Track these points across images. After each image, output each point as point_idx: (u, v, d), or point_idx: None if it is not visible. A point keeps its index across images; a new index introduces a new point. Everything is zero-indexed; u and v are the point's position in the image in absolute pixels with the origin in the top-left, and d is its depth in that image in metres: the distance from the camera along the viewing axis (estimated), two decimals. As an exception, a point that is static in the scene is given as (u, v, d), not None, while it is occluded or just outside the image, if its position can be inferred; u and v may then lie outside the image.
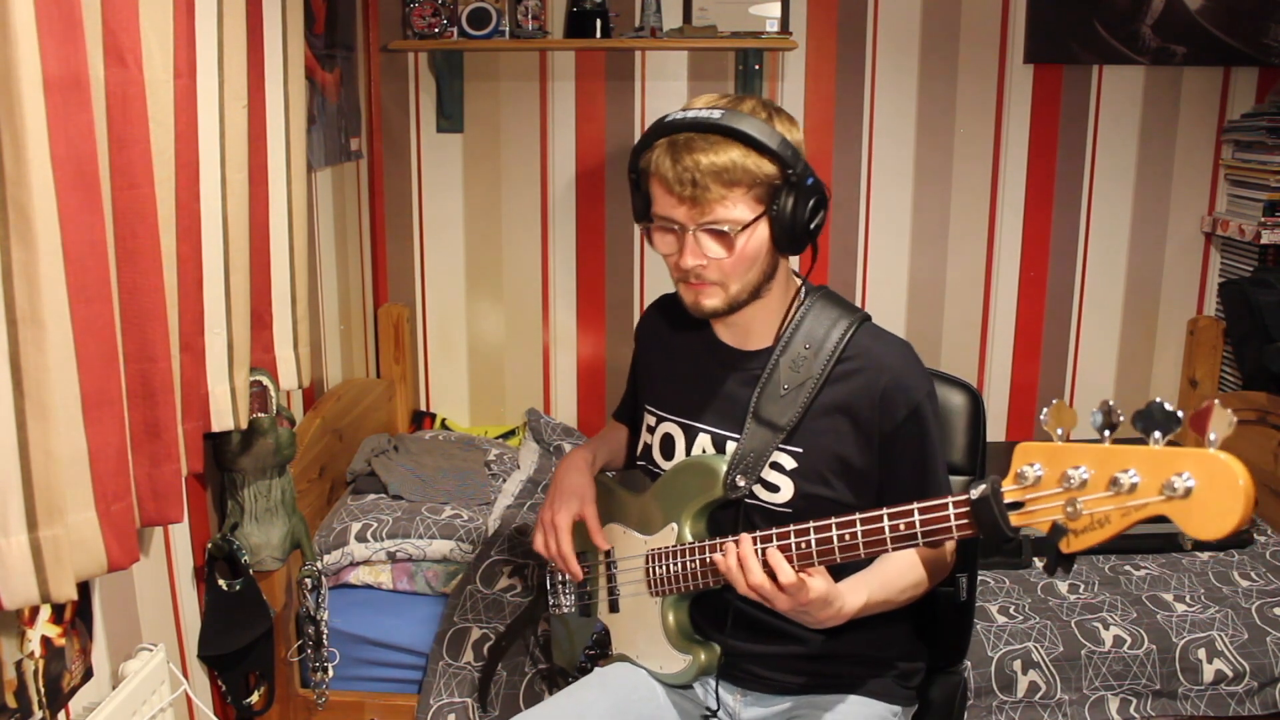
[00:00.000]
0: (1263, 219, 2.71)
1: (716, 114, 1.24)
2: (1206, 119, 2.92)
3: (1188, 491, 0.86)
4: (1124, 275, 3.03)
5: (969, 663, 1.98)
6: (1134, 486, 0.90)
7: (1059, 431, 0.98)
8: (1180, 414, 0.88)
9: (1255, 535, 2.48)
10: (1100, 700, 2.03)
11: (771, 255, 1.32)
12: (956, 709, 1.59)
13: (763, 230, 1.29)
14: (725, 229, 1.27)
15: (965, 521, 1.10)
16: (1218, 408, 0.86)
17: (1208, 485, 0.86)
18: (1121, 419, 0.93)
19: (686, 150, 1.24)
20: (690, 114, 1.26)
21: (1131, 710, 2.04)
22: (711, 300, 1.33)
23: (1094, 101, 2.91)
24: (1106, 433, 0.94)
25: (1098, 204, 2.98)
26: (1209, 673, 2.03)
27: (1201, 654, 2.04)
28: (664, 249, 1.34)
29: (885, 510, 1.17)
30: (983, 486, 1.05)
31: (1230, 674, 2.02)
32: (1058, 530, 0.97)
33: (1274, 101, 2.80)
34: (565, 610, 1.64)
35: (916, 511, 1.14)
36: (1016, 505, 1.02)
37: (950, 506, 1.11)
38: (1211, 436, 0.86)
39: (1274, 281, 2.73)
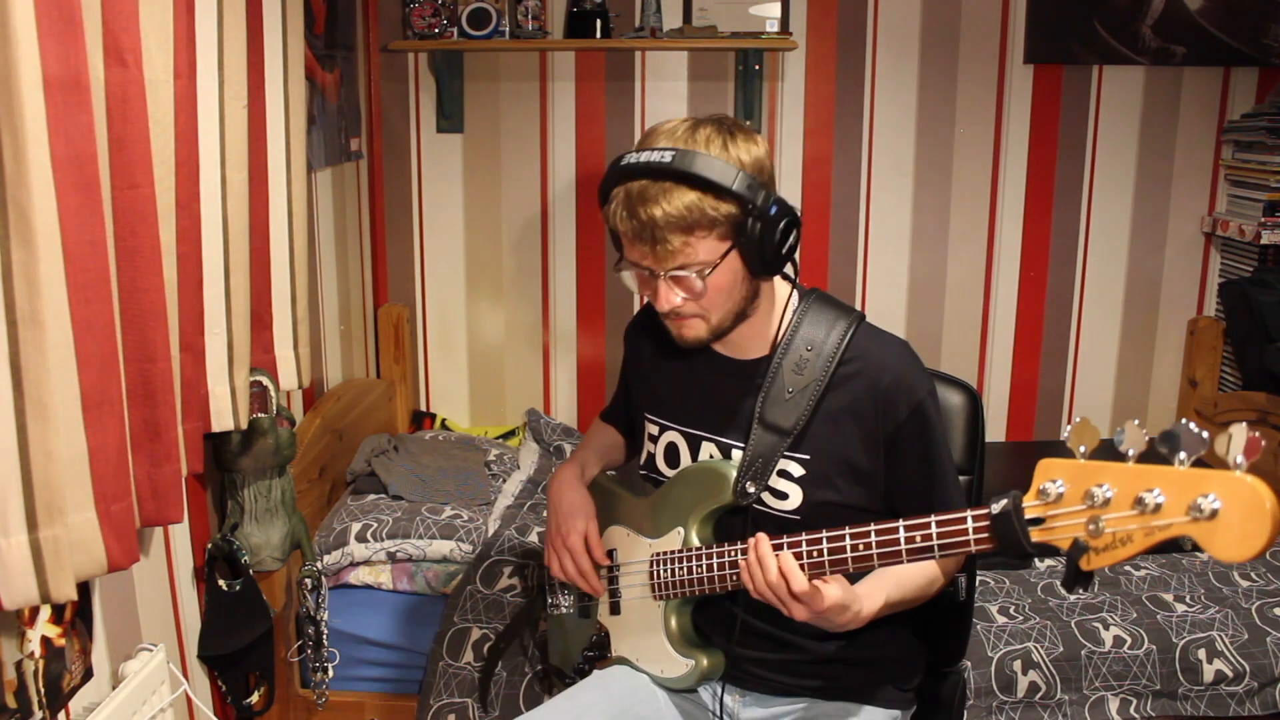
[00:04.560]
0: (1263, 219, 2.71)
1: (668, 156, 1.22)
2: (1206, 119, 2.92)
3: (1214, 513, 0.86)
4: (1124, 275, 3.03)
5: (969, 663, 1.98)
6: (1159, 506, 0.90)
7: (1081, 449, 0.98)
8: (1206, 435, 0.88)
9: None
10: (1100, 700, 2.03)
11: (748, 281, 1.31)
12: (956, 709, 1.59)
13: (733, 263, 1.28)
14: (692, 274, 1.26)
15: (984, 536, 1.09)
16: (1249, 434, 0.85)
17: (1234, 508, 0.86)
18: (1147, 439, 0.93)
19: (640, 202, 1.23)
20: (642, 158, 1.24)
21: (1131, 710, 2.04)
22: (695, 331, 1.34)
23: (1094, 101, 2.91)
24: (1130, 452, 0.94)
25: (1098, 204, 2.98)
26: (1209, 673, 2.03)
27: (1201, 654, 2.04)
28: (641, 290, 1.35)
29: (901, 522, 1.16)
30: (1004, 501, 1.04)
31: (1230, 674, 2.02)
32: (1079, 547, 0.97)
33: (1274, 101, 2.80)
34: (563, 610, 1.64)
35: (934, 524, 1.13)
36: (1037, 521, 1.01)
37: (969, 520, 1.11)
38: (1239, 460, 0.86)
39: (1274, 281, 2.73)
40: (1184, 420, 0.90)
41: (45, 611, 1.39)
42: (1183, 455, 0.89)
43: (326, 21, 2.48)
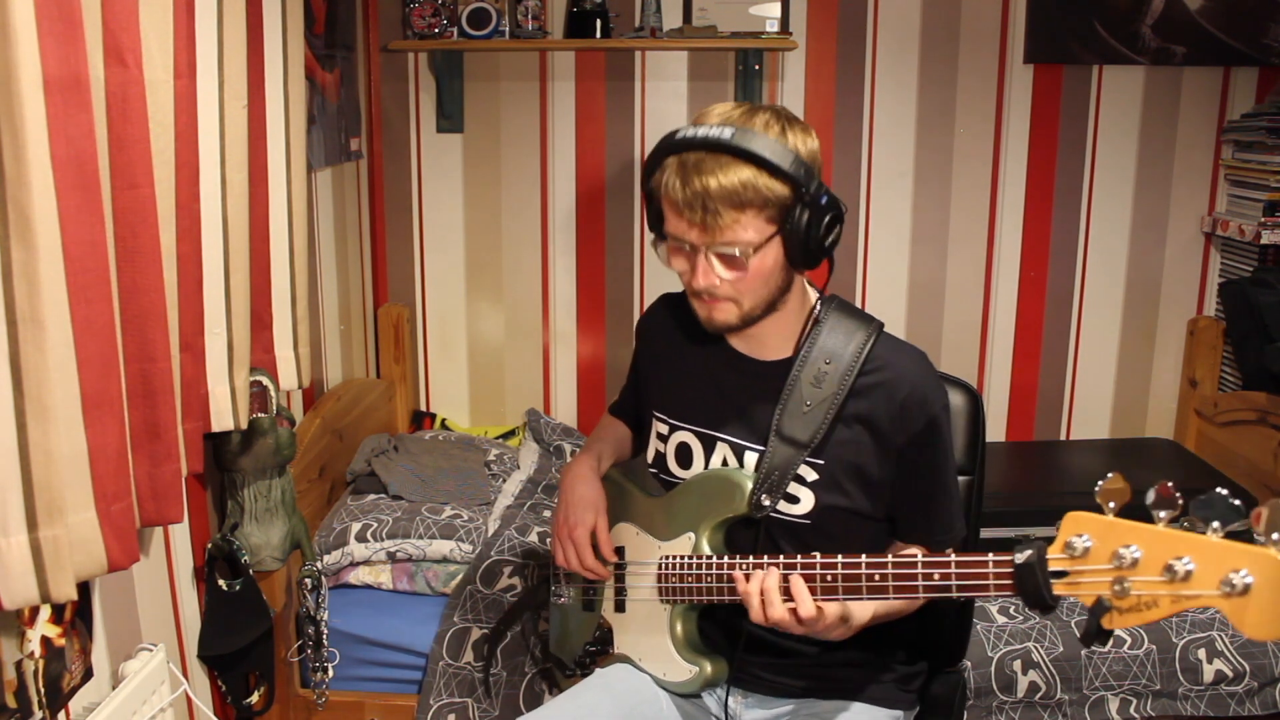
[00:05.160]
0: (1263, 219, 2.71)
1: (728, 132, 1.21)
2: (1206, 119, 2.92)
3: (1246, 589, 0.86)
4: (1124, 275, 3.03)
5: (969, 663, 1.98)
6: (1189, 574, 0.90)
7: (1110, 505, 0.98)
8: (1240, 505, 0.88)
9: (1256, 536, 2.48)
10: (1100, 700, 2.03)
11: (785, 271, 1.31)
12: (956, 709, 1.59)
13: (775, 249, 1.27)
14: (736, 251, 1.25)
15: (1005, 583, 1.09)
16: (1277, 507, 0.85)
17: (1266, 585, 0.86)
18: (1180, 502, 0.93)
19: (696, 172, 1.22)
20: (701, 132, 1.23)
21: (1131, 710, 2.04)
22: (725, 316, 1.32)
23: (1094, 101, 2.91)
24: (1162, 514, 0.93)
25: (1098, 204, 2.98)
26: (1209, 673, 2.03)
27: (1201, 654, 2.04)
28: (677, 267, 1.32)
29: (920, 557, 1.16)
30: (1029, 552, 1.03)
31: (1230, 674, 2.02)
32: (1101, 606, 0.96)
33: (1274, 101, 2.80)
34: (566, 600, 1.64)
35: (954, 564, 1.13)
36: (1060, 574, 1.01)
37: (990, 565, 1.10)
38: (1275, 536, 0.85)
39: (1274, 281, 2.73)
40: (1219, 489, 0.90)
41: (45, 611, 1.39)
42: (1216, 525, 0.89)
43: (326, 21, 2.48)
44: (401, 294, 3.06)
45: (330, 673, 2.17)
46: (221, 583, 1.85)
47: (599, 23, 2.76)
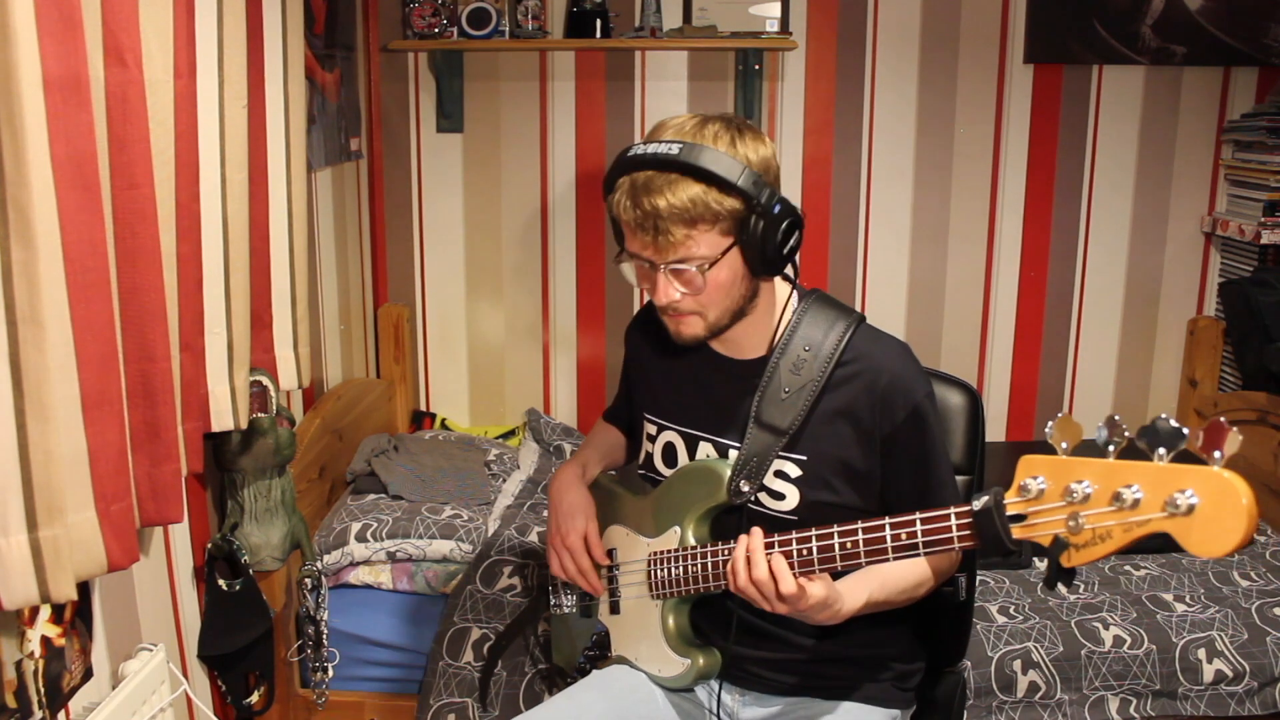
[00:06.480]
0: (1263, 219, 2.71)
1: (675, 149, 1.22)
2: (1206, 119, 2.92)
3: (1190, 509, 0.86)
4: (1124, 275, 3.03)
5: (969, 662, 1.98)
6: (1137, 502, 0.90)
7: (1063, 445, 0.98)
8: (1185, 430, 0.88)
9: (1255, 536, 2.48)
10: (1100, 700, 2.03)
11: (748, 279, 1.31)
12: (956, 709, 1.59)
13: (734, 260, 1.28)
14: (691, 267, 1.26)
15: (967, 533, 1.10)
16: (1224, 426, 0.85)
17: (1211, 503, 0.85)
18: (1128, 434, 0.93)
19: (645, 191, 1.23)
20: (650, 149, 1.24)
21: (1131, 710, 2.04)
22: (692, 329, 1.34)
23: (1094, 101, 2.91)
24: (1110, 448, 0.93)
25: (1098, 204, 2.98)
26: (1209, 673, 2.03)
27: (1201, 654, 2.04)
28: (643, 284, 1.34)
29: (887, 520, 1.17)
30: (985, 498, 1.05)
31: (1230, 674, 2.02)
32: (1059, 544, 0.97)
33: (1274, 101, 2.80)
34: (566, 610, 1.64)
35: (919, 521, 1.14)
36: (1019, 518, 1.02)
37: (953, 517, 1.11)
38: (1216, 455, 0.85)
39: (1274, 281, 2.73)
40: (1162, 414, 0.90)
41: (45, 611, 1.39)
42: (1162, 450, 0.89)
43: (326, 21, 2.48)
44: (401, 294, 3.06)
45: (330, 673, 2.17)
46: (221, 583, 1.85)
47: (599, 23, 2.76)
